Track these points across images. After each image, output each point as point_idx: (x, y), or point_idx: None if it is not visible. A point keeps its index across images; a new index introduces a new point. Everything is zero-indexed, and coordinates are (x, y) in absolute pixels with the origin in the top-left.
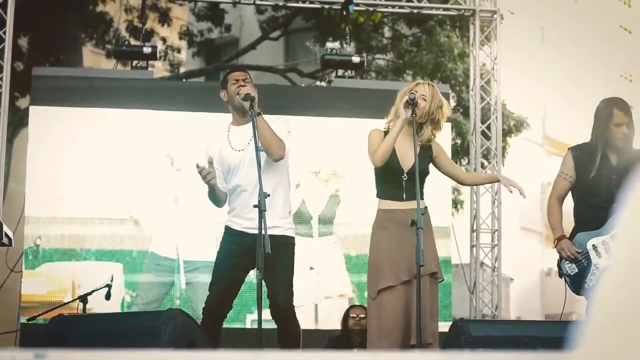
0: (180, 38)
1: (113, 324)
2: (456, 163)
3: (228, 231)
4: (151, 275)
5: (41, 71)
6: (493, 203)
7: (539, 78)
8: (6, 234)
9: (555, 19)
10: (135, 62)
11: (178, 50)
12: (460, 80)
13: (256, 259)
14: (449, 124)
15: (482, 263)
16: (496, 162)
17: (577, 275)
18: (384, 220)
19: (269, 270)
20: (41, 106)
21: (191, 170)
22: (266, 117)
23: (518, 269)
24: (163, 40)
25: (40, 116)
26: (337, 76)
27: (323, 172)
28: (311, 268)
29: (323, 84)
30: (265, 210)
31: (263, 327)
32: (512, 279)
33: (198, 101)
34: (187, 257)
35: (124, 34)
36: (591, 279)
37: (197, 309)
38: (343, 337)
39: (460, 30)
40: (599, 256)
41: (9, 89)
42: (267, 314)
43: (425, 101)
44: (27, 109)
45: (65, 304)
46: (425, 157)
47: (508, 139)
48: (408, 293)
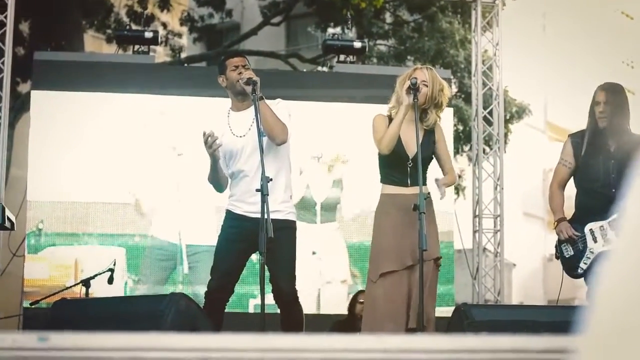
0: (181, 24)
1: (116, 308)
2: (458, 149)
3: (229, 215)
4: (154, 259)
5: (43, 56)
6: (495, 189)
7: (541, 64)
8: (8, 218)
9: (557, 5)
10: (136, 47)
11: (179, 35)
12: (462, 66)
13: (259, 243)
14: (451, 110)
15: (485, 248)
16: (498, 148)
17: (572, 257)
18: (388, 204)
19: (272, 254)
20: (42, 91)
21: (193, 155)
22: (266, 101)
23: (520, 255)
24: (164, 25)
25: (41, 101)
26: (339, 61)
27: (325, 158)
28: (314, 253)
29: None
30: (267, 194)
31: (266, 312)
32: (515, 265)
33: (200, 86)
34: (190, 242)
35: (125, 19)
36: (585, 263)
37: (199, 294)
38: (349, 322)
39: (462, 16)
40: (595, 241)
41: (10, 74)
42: (270, 299)
43: (427, 87)
44: (29, 94)
45: (67, 288)
46: (429, 143)
47: (510, 125)
48: (410, 278)
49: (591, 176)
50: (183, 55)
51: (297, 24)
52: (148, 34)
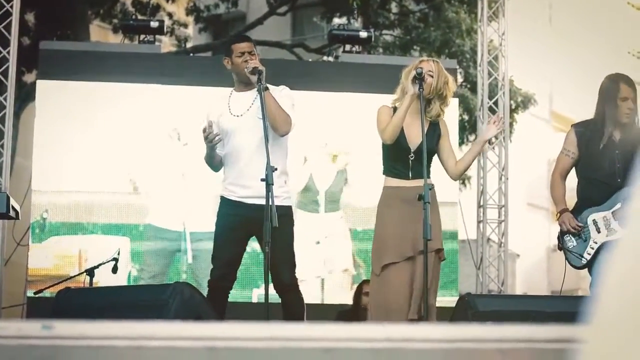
0: (187, 14)
1: (120, 297)
2: (463, 139)
3: (224, 202)
4: (158, 249)
5: (48, 45)
6: (500, 179)
7: (547, 54)
8: (13, 208)
9: None
10: (142, 37)
11: (185, 25)
12: (467, 56)
13: (264, 233)
14: (457, 100)
15: (489, 239)
16: (503, 139)
17: (575, 248)
18: (390, 197)
19: (272, 243)
20: (48, 80)
21: (198, 144)
22: (270, 88)
23: (524, 245)
24: (170, 15)
25: (47, 90)
26: (344, 51)
27: (330, 147)
28: (317, 242)
29: (330, 59)
30: (272, 184)
31: (270, 302)
32: (519, 255)
33: (205, 76)
34: (194, 231)
35: (131, 9)
36: (588, 254)
37: (203, 283)
38: (354, 312)
39: (468, 6)
40: (599, 231)
41: (16, 64)
42: (271, 288)
43: (432, 77)
44: (34, 84)
45: (72, 278)
46: (433, 136)
47: (515, 115)
48: (412, 269)
49: (596, 166)
50: (189, 45)
51: (303, 14)
52: (154, 24)
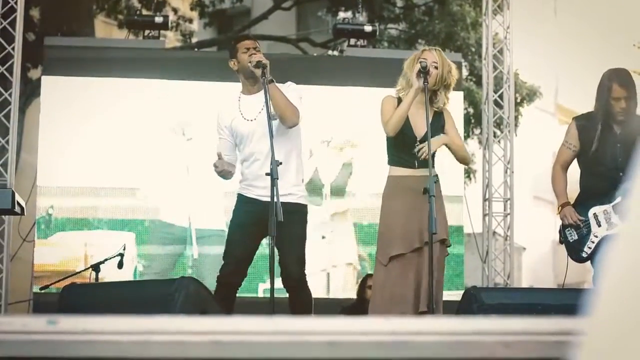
0: (191, 9)
1: (125, 292)
2: (469, 132)
3: (241, 199)
4: (163, 244)
5: (53, 41)
6: (505, 172)
7: (552, 47)
8: (19, 204)
9: None
10: (147, 32)
11: (190, 20)
12: (472, 49)
13: (269, 227)
14: (461, 93)
15: (495, 232)
16: (508, 132)
17: (576, 242)
18: (395, 187)
19: (282, 238)
20: (53, 76)
21: (202, 139)
22: (276, 84)
23: (530, 238)
24: (174, 11)
25: (52, 86)
26: (349, 45)
27: (335, 141)
28: (323, 237)
29: (335, 54)
30: (277, 178)
31: (275, 296)
32: (525, 248)
33: (210, 71)
34: (199, 227)
35: (136, 5)
36: (589, 247)
37: (208, 278)
38: (358, 306)
39: None
40: (599, 225)
41: (21, 60)
42: (279, 283)
43: (436, 69)
44: (39, 80)
45: (77, 273)
46: (438, 126)
47: (520, 108)
48: (418, 260)
49: (598, 159)
50: (193, 40)
51: (308, 8)
52: (158, 19)
